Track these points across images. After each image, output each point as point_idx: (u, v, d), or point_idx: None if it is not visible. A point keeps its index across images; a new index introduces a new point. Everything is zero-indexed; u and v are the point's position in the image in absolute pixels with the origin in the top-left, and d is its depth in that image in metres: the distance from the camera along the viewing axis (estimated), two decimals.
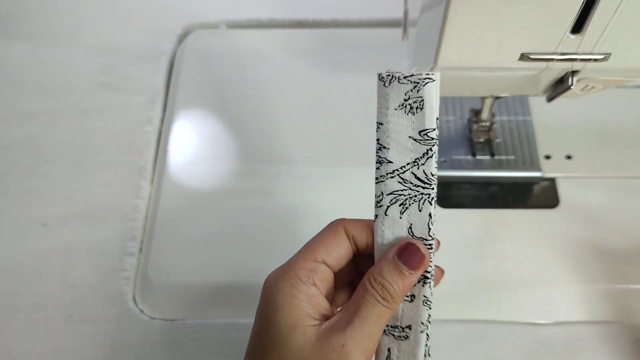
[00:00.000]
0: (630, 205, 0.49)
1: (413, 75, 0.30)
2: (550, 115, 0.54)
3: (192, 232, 0.49)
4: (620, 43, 0.33)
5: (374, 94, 0.30)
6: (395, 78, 0.30)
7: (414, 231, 0.31)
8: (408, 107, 0.30)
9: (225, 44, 0.61)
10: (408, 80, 0.29)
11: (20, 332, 0.46)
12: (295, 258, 0.31)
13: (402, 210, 0.31)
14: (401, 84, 0.30)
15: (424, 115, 0.30)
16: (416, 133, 0.30)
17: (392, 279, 0.29)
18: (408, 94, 0.30)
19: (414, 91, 0.30)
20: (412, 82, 0.29)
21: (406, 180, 0.31)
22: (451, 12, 0.32)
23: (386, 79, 0.30)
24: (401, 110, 0.30)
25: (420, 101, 0.30)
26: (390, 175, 0.31)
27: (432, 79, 0.29)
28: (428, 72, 0.29)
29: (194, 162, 0.53)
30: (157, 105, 0.57)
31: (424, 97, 0.29)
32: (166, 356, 0.45)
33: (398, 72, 0.30)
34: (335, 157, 0.52)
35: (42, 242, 0.50)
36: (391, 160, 0.31)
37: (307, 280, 0.30)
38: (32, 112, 0.57)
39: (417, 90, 0.29)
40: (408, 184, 0.31)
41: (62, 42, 0.62)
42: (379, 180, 0.31)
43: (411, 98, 0.30)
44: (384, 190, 0.31)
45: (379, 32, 0.61)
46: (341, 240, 0.31)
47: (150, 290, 0.47)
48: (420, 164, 0.30)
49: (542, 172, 0.51)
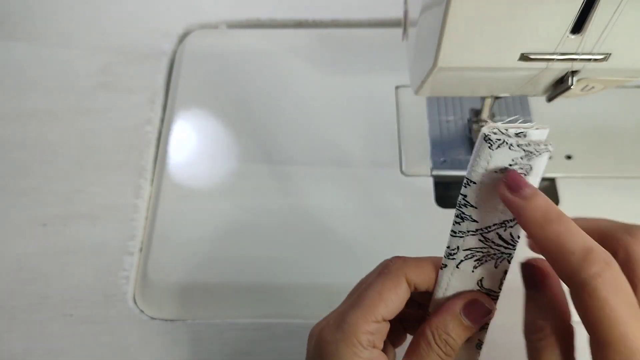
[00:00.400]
0: (630, 205, 0.49)
1: (529, 144, 0.26)
2: (550, 115, 0.54)
3: (192, 232, 0.49)
4: (620, 43, 0.33)
5: (373, 94, 0.30)
6: (507, 144, 0.26)
7: (484, 283, 0.29)
8: None
9: (225, 44, 0.61)
10: (521, 148, 0.26)
11: (20, 332, 0.46)
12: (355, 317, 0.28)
13: (476, 265, 0.29)
14: (511, 151, 0.26)
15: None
16: None
17: (457, 334, 0.28)
18: (516, 160, 0.26)
19: (523, 159, 0.26)
20: (525, 151, 0.26)
21: (488, 239, 0.29)
22: (451, 12, 0.32)
23: (494, 142, 0.26)
24: (501, 173, 0.27)
25: (528, 169, 0.27)
26: (471, 232, 0.29)
27: (548, 149, 0.26)
28: (545, 143, 0.26)
29: (194, 162, 0.53)
30: (157, 105, 0.57)
31: (532, 166, 0.26)
32: (166, 356, 0.45)
33: (510, 135, 0.26)
34: (335, 157, 0.52)
35: (42, 242, 0.50)
36: (476, 220, 0.28)
37: (369, 344, 0.28)
38: (32, 112, 0.57)
39: (529, 159, 0.26)
40: (489, 243, 0.29)
41: (62, 42, 0.62)
42: (456, 235, 0.29)
43: (518, 164, 0.26)
44: (461, 245, 0.29)
45: (379, 32, 0.61)
46: (402, 293, 0.29)
47: (150, 290, 0.47)
48: (508, 226, 0.28)
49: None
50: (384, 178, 0.51)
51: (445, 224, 0.48)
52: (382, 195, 0.50)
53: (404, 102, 0.55)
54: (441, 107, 0.55)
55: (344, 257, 0.47)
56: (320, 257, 0.48)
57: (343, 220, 0.49)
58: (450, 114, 0.54)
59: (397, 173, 0.51)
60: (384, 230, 0.48)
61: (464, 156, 0.52)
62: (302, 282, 0.47)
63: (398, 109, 0.55)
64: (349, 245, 0.48)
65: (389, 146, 0.53)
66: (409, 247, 0.47)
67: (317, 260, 0.48)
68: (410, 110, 0.55)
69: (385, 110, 0.55)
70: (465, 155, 0.52)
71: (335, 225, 0.49)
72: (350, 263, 0.47)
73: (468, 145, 0.52)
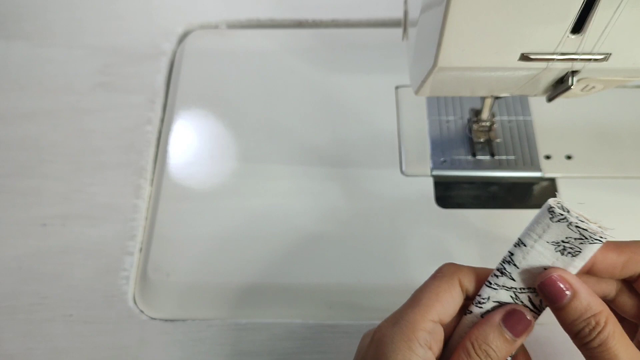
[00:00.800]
0: (630, 205, 0.49)
1: (586, 230, 0.28)
2: (550, 115, 0.54)
3: (192, 232, 0.49)
4: (620, 43, 0.33)
5: (373, 94, 0.30)
6: (567, 221, 0.28)
7: None
8: (561, 247, 0.29)
9: (225, 44, 0.61)
10: (578, 230, 0.28)
11: (20, 332, 0.46)
12: (413, 315, 0.29)
13: None
14: (569, 229, 0.28)
15: (572, 262, 0.29)
16: None
17: (497, 346, 0.28)
18: (569, 239, 0.28)
19: (576, 241, 0.28)
20: (580, 234, 0.28)
21: (518, 298, 0.30)
22: (451, 12, 0.32)
23: (556, 215, 0.28)
24: (553, 245, 0.29)
25: (577, 252, 0.28)
26: (506, 288, 0.30)
27: (601, 241, 0.28)
28: (602, 235, 0.28)
29: (194, 162, 0.53)
30: (157, 105, 0.57)
31: (582, 251, 0.28)
32: (166, 356, 0.45)
33: (571, 214, 0.28)
34: (335, 157, 0.52)
35: (41, 242, 0.50)
36: (514, 279, 0.30)
37: (425, 343, 0.29)
38: (32, 112, 0.57)
39: (581, 242, 0.28)
40: (518, 302, 0.30)
41: (62, 42, 0.62)
42: (491, 286, 0.30)
43: (570, 243, 0.28)
44: (492, 296, 0.30)
45: (379, 32, 0.61)
46: (457, 296, 0.30)
47: (150, 290, 0.47)
48: None
49: (542, 172, 0.51)
50: (384, 178, 0.51)
51: (445, 224, 0.48)
52: (382, 195, 0.50)
53: (404, 102, 0.55)
54: (441, 107, 0.55)
55: (344, 257, 0.47)
56: (320, 257, 0.48)
57: (343, 220, 0.49)
58: (450, 114, 0.54)
59: (397, 173, 0.51)
60: (384, 231, 0.48)
61: (464, 156, 0.52)
62: (302, 282, 0.47)
63: (398, 109, 0.55)
64: (349, 246, 0.48)
65: (389, 146, 0.53)
66: (409, 247, 0.47)
67: (317, 260, 0.48)
68: (410, 110, 0.55)
69: (385, 110, 0.55)
70: (465, 155, 0.52)
71: (335, 225, 0.49)
72: (350, 263, 0.47)
73: (468, 145, 0.52)
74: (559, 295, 0.28)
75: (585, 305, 0.28)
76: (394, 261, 0.47)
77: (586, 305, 0.28)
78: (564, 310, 0.28)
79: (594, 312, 0.28)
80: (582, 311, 0.28)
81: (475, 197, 0.51)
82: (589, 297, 0.28)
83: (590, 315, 0.28)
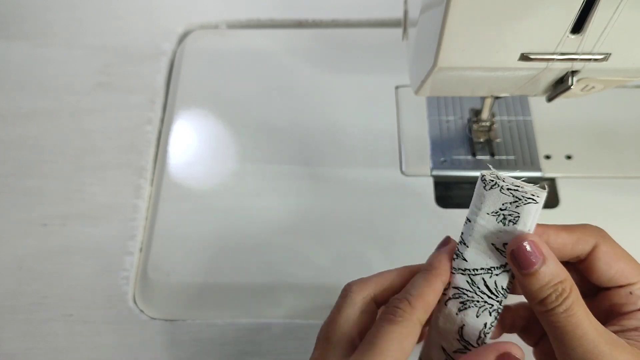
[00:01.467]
0: (630, 205, 0.49)
1: (517, 189, 0.28)
2: (550, 115, 0.54)
3: (192, 232, 0.49)
4: (620, 43, 0.33)
5: (374, 94, 0.30)
6: (498, 186, 0.28)
7: (463, 333, 0.30)
8: (501, 217, 0.29)
9: (225, 44, 0.61)
10: (510, 192, 0.28)
11: (20, 332, 0.46)
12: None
13: (460, 308, 0.30)
14: (502, 194, 0.28)
15: (514, 230, 0.29)
16: (500, 244, 0.29)
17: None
18: (505, 205, 0.29)
19: (512, 205, 0.28)
20: (513, 196, 0.28)
21: (474, 283, 0.30)
22: (451, 12, 0.32)
23: (487, 182, 0.29)
24: (493, 217, 0.29)
25: (516, 217, 0.29)
26: (460, 271, 0.30)
27: (535, 200, 0.28)
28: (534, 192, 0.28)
29: (194, 162, 0.53)
30: (157, 105, 0.57)
31: (520, 215, 0.28)
32: (166, 356, 0.45)
33: (503, 179, 0.28)
34: (335, 157, 0.52)
35: (42, 242, 0.50)
36: (466, 259, 0.30)
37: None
38: (32, 112, 0.57)
39: (516, 205, 0.28)
40: (475, 287, 0.30)
41: (62, 42, 0.62)
42: (452, 271, 0.31)
43: (507, 210, 0.29)
44: (451, 283, 0.30)
45: (379, 32, 0.61)
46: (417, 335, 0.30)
47: (150, 290, 0.47)
48: (494, 273, 0.30)
49: (542, 172, 0.51)
50: (384, 178, 0.51)
51: (445, 224, 0.48)
52: (382, 195, 0.50)
53: (404, 102, 0.55)
54: (441, 107, 0.55)
55: (344, 257, 0.47)
56: (320, 257, 0.48)
57: (343, 220, 0.49)
58: (450, 114, 0.54)
59: (397, 173, 0.51)
60: (384, 230, 0.48)
61: (464, 156, 0.52)
62: (302, 282, 0.47)
63: (398, 109, 0.55)
64: (349, 246, 0.48)
65: (389, 146, 0.53)
66: (409, 247, 0.47)
67: (317, 260, 0.48)
68: (410, 110, 0.55)
69: (385, 110, 0.55)
70: (465, 155, 0.52)
71: (335, 225, 0.49)
72: (350, 263, 0.47)
73: (468, 145, 0.52)
74: (530, 262, 0.28)
75: (554, 271, 0.28)
76: (395, 261, 0.47)
77: (554, 272, 0.28)
78: (533, 276, 0.28)
79: (561, 278, 0.28)
80: (550, 277, 0.28)
81: None
82: (557, 264, 0.29)
83: (558, 282, 0.28)
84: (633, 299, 0.30)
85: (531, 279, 0.28)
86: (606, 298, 0.31)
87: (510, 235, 0.29)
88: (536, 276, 0.28)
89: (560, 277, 0.28)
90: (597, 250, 0.30)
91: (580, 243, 0.30)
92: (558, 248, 0.30)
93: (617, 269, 0.30)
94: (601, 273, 0.30)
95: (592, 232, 0.31)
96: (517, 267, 0.28)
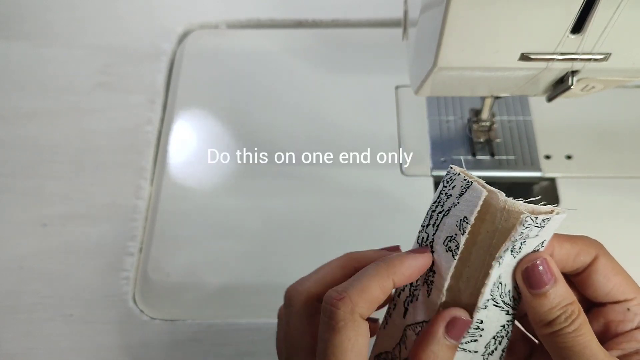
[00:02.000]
0: (630, 205, 0.49)
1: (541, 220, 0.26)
2: (550, 115, 0.54)
3: (192, 232, 0.49)
4: (620, 43, 0.33)
5: (374, 94, 0.30)
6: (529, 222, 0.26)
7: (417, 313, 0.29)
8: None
9: (225, 44, 0.61)
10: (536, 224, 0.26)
11: (20, 332, 0.46)
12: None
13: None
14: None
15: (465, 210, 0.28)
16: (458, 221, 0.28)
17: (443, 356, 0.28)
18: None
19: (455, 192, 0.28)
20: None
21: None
22: (451, 12, 0.32)
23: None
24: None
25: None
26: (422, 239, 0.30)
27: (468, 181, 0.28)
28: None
29: (194, 162, 0.53)
30: (157, 105, 0.57)
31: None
32: (166, 356, 0.45)
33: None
34: (335, 157, 0.52)
35: (42, 242, 0.50)
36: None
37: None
38: (32, 112, 0.57)
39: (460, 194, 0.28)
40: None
41: (62, 42, 0.62)
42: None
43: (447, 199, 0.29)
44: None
45: (379, 32, 0.61)
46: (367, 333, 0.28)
47: (150, 290, 0.47)
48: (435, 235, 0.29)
49: (542, 172, 0.51)
50: (384, 178, 0.51)
51: None
52: (382, 195, 0.50)
53: (404, 102, 0.55)
54: (441, 107, 0.55)
55: None
56: (320, 257, 0.48)
57: (343, 220, 0.49)
58: (450, 114, 0.54)
59: (397, 173, 0.51)
60: (384, 231, 0.48)
61: (464, 156, 0.52)
62: None
63: (398, 109, 0.55)
64: (349, 246, 0.48)
65: (389, 146, 0.53)
66: (409, 247, 0.47)
67: (317, 260, 0.47)
68: (410, 110, 0.55)
69: (385, 110, 0.55)
70: (465, 155, 0.52)
71: (336, 225, 0.49)
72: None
73: (468, 145, 0.52)
74: (542, 281, 0.27)
75: (564, 293, 0.28)
76: None
77: (564, 293, 0.28)
78: (544, 296, 0.27)
79: (570, 300, 0.28)
80: (560, 299, 0.27)
81: None
82: (566, 285, 0.28)
83: (567, 303, 0.27)
84: (630, 316, 0.29)
85: (542, 300, 0.27)
86: (601, 314, 0.30)
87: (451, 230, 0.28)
88: (547, 297, 0.27)
89: (570, 299, 0.27)
90: (596, 262, 0.29)
91: (582, 255, 0.29)
92: (562, 259, 0.29)
93: (615, 283, 0.29)
94: (598, 286, 0.29)
95: (592, 244, 0.30)
96: (528, 286, 0.28)
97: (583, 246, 0.29)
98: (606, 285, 0.29)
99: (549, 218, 0.26)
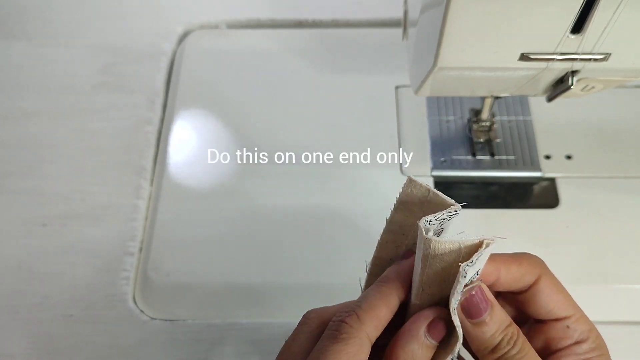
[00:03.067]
0: (630, 205, 0.49)
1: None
2: (550, 115, 0.54)
3: (192, 232, 0.49)
4: (620, 43, 0.33)
5: (374, 94, 0.30)
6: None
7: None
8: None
9: (225, 44, 0.61)
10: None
11: (20, 332, 0.46)
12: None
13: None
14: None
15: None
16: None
17: (421, 356, 0.28)
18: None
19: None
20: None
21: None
22: (451, 12, 0.32)
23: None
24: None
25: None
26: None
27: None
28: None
29: (194, 162, 0.53)
30: (157, 105, 0.57)
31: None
32: (166, 356, 0.45)
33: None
34: (335, 157, 0.52)
35: (42, 242, 0.50)
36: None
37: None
38: (32, 112, 0.57)
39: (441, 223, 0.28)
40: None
41: (62, 42, 0.62)
42: None
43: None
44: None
45: (379, 32, 0.61)
46: (366, 353, 0.28)
47: (150, 290, 0.47)
48: None
49: (542, 172, 0.51)
50: (384, 178, 0.51)
51: None
52: (382, 195, 0.50)
53: (404, 102, 0.55)
54: (441, 107, 0.55)
55: (344, 257, 0.47)
56: (320, 257, 0.48)
57: (343, 220, 0.49)
58: (450, 114, 0.54)
59: (397, 173, 0.51)
60: None
61: (464, 156, 0.52)
62: (302, 282, 0.47)
63: (398, 109, 0.55)
64: (348, 246, 0.48)
65: (389, 146, 0.53)
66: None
67: (317, 260, 0.48)
68: (410, 110, 0.55)
69: (385, 110, 0.55)
70: (465, 155, 0.52)
71: (335, 225, 0.49)
72: (350, 263, 0.47)
73: (468, 145, 0.52)
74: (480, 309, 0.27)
75: (501, 316, 0.27)
76: None
77: (502, 317, 0.27)
78: (484, 324, 0.27)
79: (508, 322, 0.28)
80: (499, 323, 0.27)
81: (475, 197, 0.51)
82: (500, 308, 0.28)
83: (506, 326, 0.27)
84: (569, 333, 0.29)
85: (483, 328, 0.27)
86: (542, 331, 0.30)
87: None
88: (487, 323, 0.27)
89: (507, 321, 0.28)
90: (539, 282, 0.29)
91: (527, 275, 0.29)
92: (509, 283, 0.29)
93: (556, 301, 0.29)
94: (541, 305, 0.29)
95: (536, 264, 0.30)
96: (468, 317, 0.27)
97: (528, 267, 0.29)
98: (548, 304, 0.29)
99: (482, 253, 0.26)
